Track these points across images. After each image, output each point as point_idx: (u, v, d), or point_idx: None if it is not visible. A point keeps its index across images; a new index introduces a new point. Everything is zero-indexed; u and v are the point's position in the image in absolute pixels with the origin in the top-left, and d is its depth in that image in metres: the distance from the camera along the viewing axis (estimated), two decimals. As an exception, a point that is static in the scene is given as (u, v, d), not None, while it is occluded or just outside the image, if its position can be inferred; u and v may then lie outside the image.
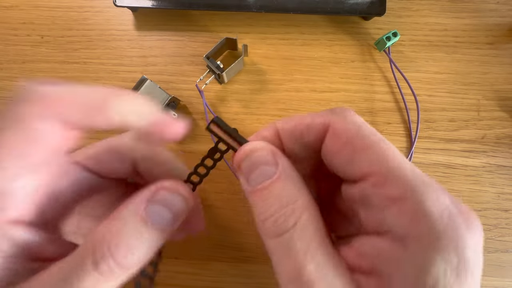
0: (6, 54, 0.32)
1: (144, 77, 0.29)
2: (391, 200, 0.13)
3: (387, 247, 0.13)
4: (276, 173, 0.15)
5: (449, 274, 0.12)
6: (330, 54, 0.33)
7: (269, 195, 0.15)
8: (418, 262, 0.12)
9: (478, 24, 0.34)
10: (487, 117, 0.32)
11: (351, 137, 0.15)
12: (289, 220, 0.14)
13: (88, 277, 0.13)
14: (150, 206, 0.15)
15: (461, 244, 0.12)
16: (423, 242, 0.12)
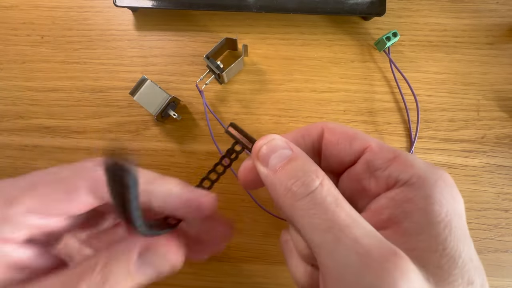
0: (6, 54, 0.32)
1: (144, 77, 0.29)
2: (389, 160, 0.17)
3: (399, 193, 0.17)
4: (292, 154, 0.17)
5: (447, 196, 0.16)
6: (330, 54, 0.33)
7: (291, 168, 0.17)
8: (425, 193, 0.16)
9: (478, 24, 0.34)
10: (487, 117, 0.32)
11: (343, 130, 0.19)
12: (315, 180, 0.16)
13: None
14: (140, 263, 0.17)
15: (444, 177, 0.17)
16: (423, 179, 0.16)
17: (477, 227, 0.31)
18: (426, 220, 0.15)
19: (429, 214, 0.15)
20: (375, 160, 0.18)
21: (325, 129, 0.20)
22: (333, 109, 0.32)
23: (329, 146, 0.19)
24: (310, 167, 0.17)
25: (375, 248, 0.14)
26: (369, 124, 0.32)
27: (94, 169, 0.18)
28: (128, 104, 0.32)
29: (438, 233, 0.15)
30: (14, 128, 0.31)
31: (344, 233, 0.14)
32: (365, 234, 0.15)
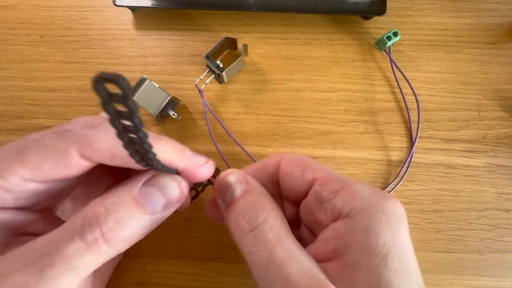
0: (5, 54, 0.32)
1: (143, 76, 0.29)
2: (335, 191, 0.18)
3: (342, 225, 0.17)
4: (246, 188, 0.18)
5: (384, 228, 0.16)
6: (331, 54, 0.33)
7: (243, 203, 0.18)
8: (363, 226, 0.16)
9: (479, 23, 0.33)
10: (488, 117, 0.32)
11: (296, 160, 0.20)
12: (259, 217, 0.17)
13: (72, 244, 0.14)
14: (144, 187, 0.16)
15: (385, 207, 0.17)
16: (363, 211, 0.17)
17: (478, 227, 0.31)
18: (364, 253, 0.16)
19: (366, 247, 0.16)
20: (322, 192, 0.18)
21: (282, 160, 0.20)
22: (333, 109, 0.32)
23: (285, 177, 0.20)
24: (259, 201, 0.18)
25: (305, 285, 0.15)
26: (369, 124, 0.32)
27: (82, 134, 0.17)
28: (127, 104, 0.32)
29: (374, 267, 0.15)
30: (14, 128, 0.31)
31: (278, 271, 0.15)
32: (299, 271, 0.15)
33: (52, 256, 0.14)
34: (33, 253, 0.14)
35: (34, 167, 0.16)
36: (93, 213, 0.14)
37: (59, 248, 0.14)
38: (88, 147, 0.16)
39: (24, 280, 0.13)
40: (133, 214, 0.15)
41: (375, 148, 0.32)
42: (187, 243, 0.30)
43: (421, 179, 0.31)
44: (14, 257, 0.14)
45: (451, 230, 0.31)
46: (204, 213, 0.30)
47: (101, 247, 0.14)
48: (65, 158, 0.16)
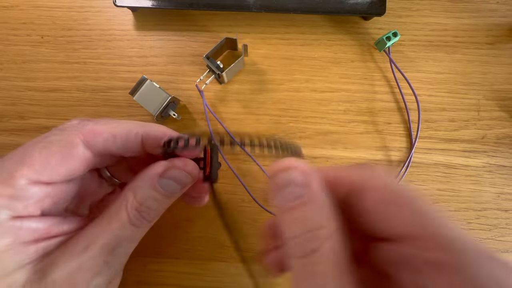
0: (6, 54, 0.32)
1: (144, 77, 0.29)
2: (433, 265, 0.12)
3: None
4: (305, 195, 0.15)
5: None
6: (330, 54, 0.33)
7: (296, 216, 0.14)
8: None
9: (478, 24, 0.34)
10: (487, 117, 0.32)
11: (392, 197, 0.14)
12: (311, 245, 0.14)
13: (127, 229, 0.18)
14: (161, 180, 0.19)
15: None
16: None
17: (478, 227, 0.31)
18: None
19: None
20: (412, 258, 0.13)
21: (365, 187, 0.15)
22: (333, 109, 0.32)
23: (363, 211, 0.15)
24: (315, 222, 0.14)
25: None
26: (369, 124, 0.32)
27: (84, 124, 0.19)
28: (128, 104, 0.32)
29: None
30: (14, 128, 0.31)
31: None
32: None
33: (116, 239, 0.18)
34: (97, 240, 0.18)
35: (40, 165, 0.17)
36: (132, 206, 0.18)
37: (119, 232, 0.18)
38: (91, 133, 0.19)
39: (104, 259, 0.17)
40: (159, 200, 0.19)
41: (375, 148, 0.32)
42: (188, 242, 0.30)
43: (421, 179, 0.31)
44: (80, 250, 0.17)
45: (450, 230, 0.31)
46: (204, 213, 0.30)
47: (144, 224, 0.19)
48: (70, 148, 0.18)
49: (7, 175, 0.17)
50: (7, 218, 0.17)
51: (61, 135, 0.18)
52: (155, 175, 0.19)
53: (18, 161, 0.17)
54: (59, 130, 0.19)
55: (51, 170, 0.18)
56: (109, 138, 0.19)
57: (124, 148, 0.20)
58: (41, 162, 0.17)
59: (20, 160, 0.17)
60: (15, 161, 0.17)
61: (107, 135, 0.19)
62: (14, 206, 0.17)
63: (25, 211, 0.18)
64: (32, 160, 0.17)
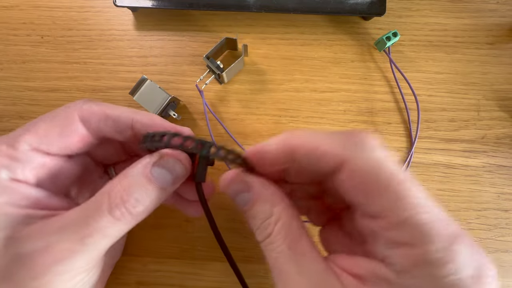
0: (6, 54, 0.32)
1: (144, 77, 0.29)
2: (399, 244, 0.14)
3: (384, 271, 0.15)
4: (251, 198, 0.18)
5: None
6: (330, 54, 0.33)
7: (252, 213, 0.18)
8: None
9: (478, 24, 0.34)
10: (487, 117, 0.32)
11: (367, 178, 0.15)
12: (267, 231, 0.17)
13: (104, 219, 0.17)
14: (154, 168, 0.18)
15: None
16: (420, 285, 0.14)
17: (477, 227, 0.31)
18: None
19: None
20: (383, 235, 0.15)
21: (346, 165, 0.16)
22: (333, 109, 0.32)
23: (342, 186, 0.16)
24: (266, 212, 0.18)
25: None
26: (369, 124, 0.32)
27: (84, 103, 0.21)
28: (128, 104, 0.32)
29: None
30: (14, 128, 0.31)
31: (284, 282, 0.16)
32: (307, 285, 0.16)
33: (88, 227, 0.17)
34: (70, 226, 0.17)
35: (42, 134, 0.19)
36: (116, 194, 0.17)
37: (93, 221, 0.17)
38: (88, 111, 0.20)
39: (69, 247, 0.17)
40: (149, 192, 0.18)
41: (375, 148, 0.32)
42: (187, 242, 0.30)
43: (421, 179, 0.31)
44: (53, 230, 0.17)
45: (450, 230, 0.31)
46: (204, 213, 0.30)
47: (128, 220, 0.18)
48: (69, 123, 0.20)
49: (13, 139, 0.19)
50: (6, 178, 0.18)
51: (64, 111, 0.20)
52: (148, 163, 0.18)
53: (25, 129, 0.19)
54: (64, 107, 0.21)
55: (50, 140, 0.19)
56: (102, 118, 0.21)
57: (114, 130, 0.21)
58: (43, 132, 0.19)
59: (26, 128, 0.19)
60: (23, 129, 0.19)
61: (101, 115, 0.21)
62: (13, 167, 0.19)
63: (22, 174, 0.19)
64: (36, 129, 0.19)
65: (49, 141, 0.19)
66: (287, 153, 0.17)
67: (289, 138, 0.18)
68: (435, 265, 0.13)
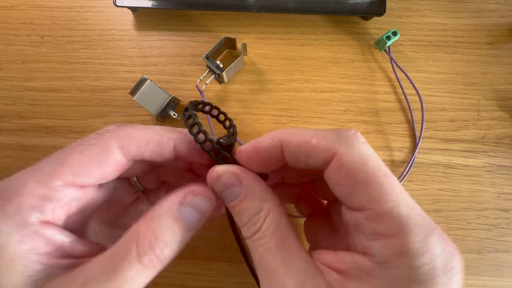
0: (6, 54, 0.32)
1: (144, 77, 0.29)
2: (380, 235, 0.15)
3: (366, 263, 0.15)
4: (241, 193, 0.18)
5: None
6: (330, 54, 0.33)
7: (240, 210, 0.18)
8: (390, 283, 0.14)
9: (478, 24, 0.34)
10: (487, 117, 0.32)
11: (355, 171, 0.16)
12: (255, 226, 0.17)
13: (133, 267, 0.16)
14: (181, 208, 0.17)
15: (431, 284, 0.14)
16: (399, 272, 0.14)
17: (477, 227, 0.31)
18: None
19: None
20: (365, 226, 0.15)
21: (334, 159, 0.16)
22: (333, 109, 0.32)
23: (330, 180, 0.17)
24: (254, 209, 0.17)
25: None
26: (369, 124, 0.32)
27: (120, 129, 0.19)
28: (128, 104, 0.32)
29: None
30: (14, 128, 0.31)
31: (272, 281, 0.16)
32: (292, 284, 0.16)
33: (117, 279, 0.15)
34: (98, 278, 0.16)
35: (78, 167, 0.18)
36: (144, 239, 0.16)
37: (122, 271, 0.15)
38: (127, 137, 0.19)
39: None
40: (176, 233, 0.17)
41: (375, 148, 0.32)
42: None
43: (421, 179, 0.31)
44: (79, 284, 0.16)
45: (450, 230, 0.31)
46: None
47: (156, 266, 0.17)
48: (107, 152, 0.18)
49: (46, 176, 0.17)
50: (35, 221, 0.17)
51: (99, 139, 0.19)
52: (175, 202, 0.17)
53: (58, 163, 0.18)
54: (97, 135, 0.19)
55: (87, 173, 0.18)
56: (143, 143, 0.19)
57: (156, 153, 0.20)
58: (78, 165, 0.18)
59: (60, 162, 0.18)
60: (55, 163, 0.18)
61: (141, 140, 0.19)
62: (44, 207, 0.17)
63: (52, 215, 0.17)
64: (71, 162, 0.18)
65: (85, 174, 0.18)
66: (280, 149, 0.18)
67: (281, 134, 0.18)
68: (413, 255, 0.14)
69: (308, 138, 0.17)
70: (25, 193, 0.17)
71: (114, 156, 0.18)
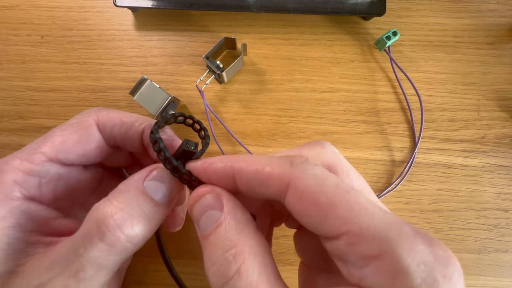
0: (6, 54, 0.32)
1: (144, 77, 0.29)
2: (368, 258, 0.13)
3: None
4: (221, 217, 0.15)
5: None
6: (330, 54, 0.33)
7: (214, 239, 0.14)
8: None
9: (478, 24, 0.34)
10: (487, 117, 0.32)
11: (314, 197, 0.14)
12: (231, 267, 0.13)
13: (94, 247, 0.14)
14: (148, 182, 0.17)
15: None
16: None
17: (477, 227, 0.31)
18: None
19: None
20: (349, 254, 0.13)
21: (290, 187, 0.14)
22: (333, 109, 0.32)
23: (293, 211, 0.15)
24: (232, 241, 0.14)
25: None
26: (369, 124, 0.32)
27: (99, 110, 0.21)
28: (128, 104, 0.32)
29: None
30: (14, 128, 0.31)
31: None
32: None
33: (79, 260, 0.14)
34: (61, 260, 0.15)
35: (59, 142, 0.19)
36: (107, 213, 0.15)
37: (83, 252, 0.14)
38: (105, 116, 0.20)
39: (63, 284, 0.14)
40: (145, 207, 0.16)
41: (375, 148, 0.32)
42: (187, 242, 0.30)
43: (421, 179, 0.31)
44: (45, 267, 0.15)
45: (450, 230, 0.31)
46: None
47: (124, 244, 0.15)
48: (86, 129, 0.19)
49: (29, 154, 0.18)
50: (20, 196, 0.17)
51: (79, 118, 0.20)
52: (141, 178, 0.17)
53: (40, 142, 0.19)
54: (79, 114, 0.21)
55: (68, 148, 0.19)
56: (117, 123, 0.20)
57: (126, 137, 0.21)
58: (59, 140, 0.19)
59: (42, 141, 0.19)
60: (38, 142, 0.19)
61: (116, 120, 0.20)
62: (28, 183, 0.18)
63: (37, 190, 0.18)
64: (53, 140, 0.19)
65: (66, 149, 0.19)
66: (231, 175, 0.16)
67: (234, 160, 0.16)
68: (408, 273, 0.12)
69: (261, 167, 0.15)
70: (9, 169, 0.17)
71: (92, 133, 0.20)
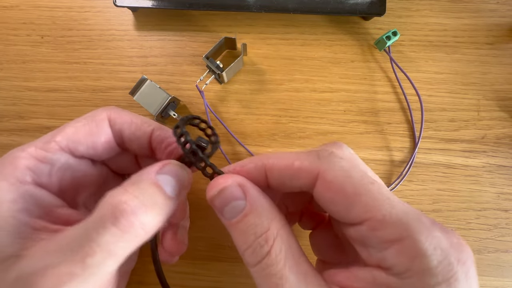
0: (6, 54, 0.32)
1: (144, 77, 0.29)
2: (389, 242, 0.14)
3: (384, 277, 0.14)
4: (246, 206, 0.16)
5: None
6: (330, 54, 0.33)
7: (243, 227, 0.16)
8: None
9: (478, 24, 0.34)
10: (487, 117, 0.32)
11: (342, 186, 0.16)
12: (264, 249, 0.15)
13: (107, 232, 0.14)
14: (160, 175, 0.17)
15: (453, 281, 0.13)
16: (420, 277, 0.14)
17: (477, 227, 0.31)
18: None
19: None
20: (371, 237, 0.15)
21: (319, 178, 0.16)
22: (333, 109, 0.32)
23: (321, 200, 0.17)
24: (262, 226, 0.16)
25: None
26: (369, 124, 0.32)
27: (112, 108, 0.21)
28: (128, 104, 0.32)
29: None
30: (14, 128, 0.31)
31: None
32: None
33: (90, 245, 0.14)
34: (71, 244, 0.15)
35: (71, 133, 0.20)
36: (121, 199, 0.15)
37: (95, 237, 0.14)
38: (116, 113, 0.21)
39: (69, 270, 0.14)
40: (157, 198, 0.16)
41: (375, 148, 0.32)
42: (188, 242, 0.30)
43: (420, 179, 0.31)
44: (53, 250, 0.15)
45: (450, 230, 0.31)
46: (204, 213, 0.30)
47: (137, 231, 0.15)
48: (97, 122, 0.20)
49: (45, 141, 0.19)
50: (30, 181, 0.18)
51: (93, 112, 0.21)
52: (153, 171, 0.17)
53: (56, 131, 0.20)
54: (93, 111, 0.21)
55: (78, 139, 0.20)
56: (127, 121, 0.21)
57: (134, 137, 0.21)
58: (72, 132, 0.20)
59: (56, 132, 0.20)
60: (54, 132, 0.20)
61: (127, 119, 0.21)
62: (40, 169, 0.18)
63: (47, 178, 0.19)
64: (66, 131, 0.20)
65: (77, 139, 0.20)
66: (263, 173, 0.18)
67: (263, 158, 0.18)
68: (426, 255, 0.14)
69: (291, 162, 0.17)
70: (24, 156, 0.18)
71: (103, 126, 0.21)
